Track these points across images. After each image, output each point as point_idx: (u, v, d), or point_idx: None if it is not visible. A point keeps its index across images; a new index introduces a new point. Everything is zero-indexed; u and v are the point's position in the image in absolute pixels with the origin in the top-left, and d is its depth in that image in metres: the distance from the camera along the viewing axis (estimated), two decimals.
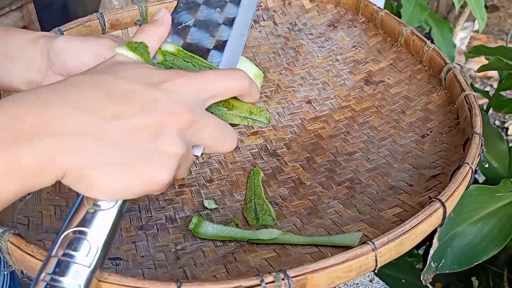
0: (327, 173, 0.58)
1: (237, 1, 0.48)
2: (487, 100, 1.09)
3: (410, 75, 0.69)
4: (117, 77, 0.35)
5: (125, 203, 0.36)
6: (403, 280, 0.81)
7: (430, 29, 1.61)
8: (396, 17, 0.74)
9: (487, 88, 2.04)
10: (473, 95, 0.57)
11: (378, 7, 0.78)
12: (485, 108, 1.08)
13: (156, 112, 0.34)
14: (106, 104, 0.33)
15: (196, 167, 0.60)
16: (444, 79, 0.63)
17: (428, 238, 0.48)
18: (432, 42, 0.84)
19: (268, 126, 0.43)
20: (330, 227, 0.49)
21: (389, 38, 0.75)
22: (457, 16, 1.86)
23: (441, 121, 0.60)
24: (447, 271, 0.63)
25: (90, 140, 0.32)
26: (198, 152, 0.39)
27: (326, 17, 0.84)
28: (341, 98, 0.70)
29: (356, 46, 0.77)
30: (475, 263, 0.63)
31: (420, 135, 0.60)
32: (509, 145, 0.77)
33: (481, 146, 0.50)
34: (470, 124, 0.53)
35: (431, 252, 0.57)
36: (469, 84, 0.59)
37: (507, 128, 1.88)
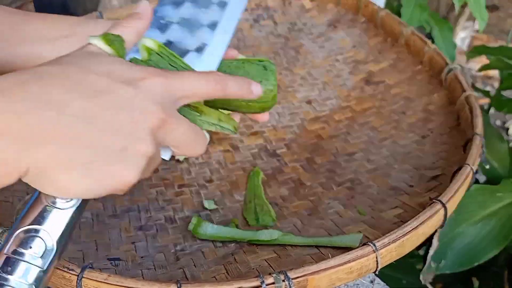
0: (328, 174, 0.58)
1: (223, 4, 0.47)
2: (488, 100, 1.09)
3: (411, 76, 0.69)
4: (88, 71, 0.33)
5: (86, 203, 0.35)
6: (404, 281, 0.81)
7: (431, 29, 1.61)
8: (397, 17, 0.74)
9: (488, 88, 2.04)
10: (474, 96, 0.57)
11: (379, 7, 0.77)
12: (486, 108, 1.08)
13: (129, 110, 0.33)
14: (74, 100, 0.31)
15: (196, 167, 0.60)
16: (445, 80, 0.63)
17: (429, 239, 0.48)
18: (433, 42, 0.84)
19: (236, 135, 0.43)
20: (331, 228, 0.49)
21: (390, 38, 0.75)
22: (458, 16, 1.86)
23: (442, 122, 0.60)
24: (448, 272, 0.63)
25: (55, 138, 0.30)
26: (167, 156, 0.38)
27: (326, 17, 0.84)
28: (342, 99, 0.70)
29: (357, 46, 0.77)
30: (476, 264, 0.63)
31: (421, 136, 0.60)
32: (510, 145, 0.76)
33: (482, 147, 0.50)
34: (471, 125, 0.53)
35: (431, 252, 0.57)
36: (470, 85, 0.59)
37: (508, 128, 1.88)
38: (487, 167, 0.74)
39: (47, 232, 0.32)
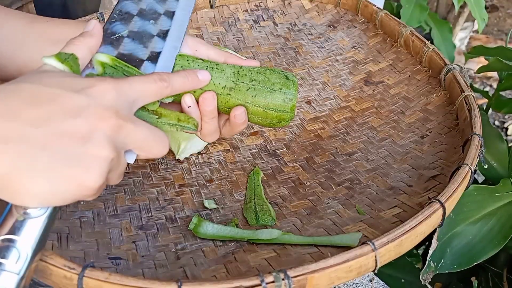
0: (327, 174, 0.58)
1: (171, 14, 0.48)
2: (487, 100, 1.09)
3: (410, 76, 0.69)
4: (40, 84, 0.35)
5: (56, 210, 0.36)
6: (403, 280, 0.81)
7: (430, 30, 1.61)
8: (396, 18, 0.74)
9: (487, 88, 2.04)
10: (473, 96, 0.57)
11: (378, 8, 0.78)
12: (485, 108, 1.08)
13: (83, 117, 0.34)
14: (28, 109, 0.33)
15: (196, 167, 0.60)
16: (444, 80, 0.63)
17: (428, 238, 0.48)
18: (432, 43, 0.84)
19: (197, 132, 0.45)
20: (330, 227, 0.50)
21: (389, 39, 0.75)
22: (457, 17, 1.86)
23: (441, 122, 0.60)
24: (447, 271, 0.63)
25: (13, 146, 0.31)
26: (131, 159, 0.39)
27: (326, 18, 0.84)
28: (341, 99, 0.70)
29: (356, 47, 0.77)
30: (475, 263, 0.63)
31: (420, 136, 0.60)
32: (509, 145, 0.77)
33: (481, 147, 0.50)
34: (470, 125, 0.53)
35: (430, 252, 0.57)
36: (469, 85, 0.60)
37: (507, 128, 1.88)
38: (486, 167, 0.74)
39: (21, 241, 0.34)
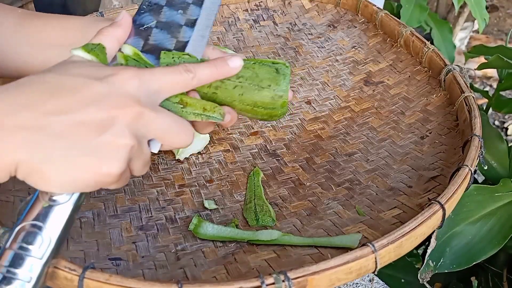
0: (327, 174, 0.58)
1: (200, 3, 0.48)
2: (487, 100, 1.09)
3: (410, 76, 0.69)
4: (64, 74, 0.36)
5: (81, 198, 0.36)
6: (403, 280, 0.81)
7: (430, 30, 1.61)
8: (396, 18, 0.74)
9: (487, 88, 2.04)
10: (473, 97, 0.57)
11: (378, 8, 0.78)
12: (485, 108, 1.08)
13: (103, 105, 0.34)
14: (49, 99, 0.33)
15: (196, 167, 0.60)
16: (444, 81, 0.63)
17: (428, 238, 0.48)
18: (432, 43, 0.84)
19: (222, 121, 0.43)
20: (330, 228, 0.50)
21: (389, 39, 0.75)
22: (457, 17, 1.86)
23: (441, 123, 0.60)
24: (446, 271, 0.63)
25: (35, 134, 0.32)
26: (155, 149, 0.39)
27: (326, 17, 0.84)
28: (341, 99, 0.70)
29: (356, 47, 0.77)
30: (474, 263, 0.63)
31: (420, 137, 0.60)
32: (509, 145, 0.77)
33: (481, 148, 0.50)
34: (470, 126, 0.53)
35: (429, 251, 0.57)
36: (469, 86, 0.60)
37: (507, 128, 1.88)
38: (485, 168, 0.74)
39: (47, 227, 0.34)
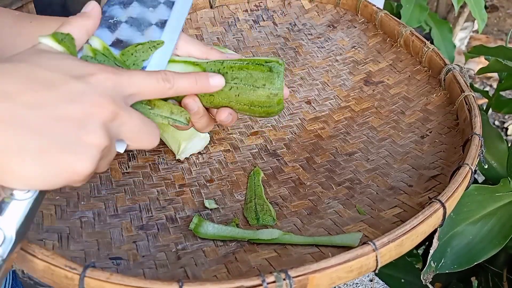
0: (327, 173, 0.58)
1: (170, 4, 0.48)
2: (487, 100, 1.09)
3: (410, 76, 0.69)
4: (39, 65, 0.35)
5: (42, 194, 0.36)
6: (403, 280, 0.81)
7: (430, 30, 1.61)
8: (396, 18, 0.75)
9: (487, 88, 2.04)
10: (473, 96, 0.57)
11: (378, 8, 0.78)
12: (485, 108, 1.08)
13: (79, 103, 0.34)
14: (24, 91, 0.32)
15: (197, 167, 0.60)
16: (444, 80, 0.63)
17: (428, 238, 0.48)
18: (432, 43, 0.84)
19: (187, 126, 0.44)
20: (330, 227, 0.50)
21: (389, 39, 0.75)
22: (457, 17, 1.86)
23: (441, 122, 0.60)
24: (447, 271, 0.63)
25: (5, 127, 0.31)
26: (121, 149, 0.39)
27: (326, 18, 0.84)
28: (341, 99, 0.70)
29: (356, 47, 0.77)
30: (475, 263, 0.63)
31: (420, 136, 0.60)
32: (509, 145, 0.77)
33: (481, 147, 0.50)
34: (470, 125, 0.53)
35: (431, 252, 0.57)
36: (469, 85, 0.60)
37: (507, 128, 1.88)
38: (486, 167, 0.75)
39: (6, 223, 0.34)
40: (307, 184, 0.57)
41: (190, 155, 0.61)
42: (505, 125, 1.90)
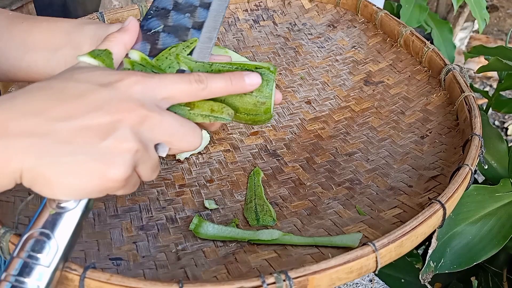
0: (327, 174, 0.58)
1: (207, 5, 0.48)
2: (487, 100, 1.09)
3: (410, 76, 0.69)
4: (70, 80, 0.36)
5: (89, 204, 0.36)
6: (403, 280, 0.81)
7: (430, 30, 1.61)
8: (396, 18, 0.74)
9: (487, 88, 2.04)
10: (473, 96, 0.57)
11: (378, 8, 0.78)
12: (485, 108, 1.08)
13: (107, 110, 0.34)
14: (54, 105, 0.34)
15: (197, 167, 0.60)
16: (444, 80, 0.63)
17: (428, 238, 0.48)
18: (432, 43, 0.84)
19: (230, 122, 0.42)
20: (330, 228, 0.50)
21: (389, 39, 0.75)
22: (457, 17, 1.86)
23: (441, 122, 0.60)
24: (446, 271, 0.63)
25: (39, 140, 0.32)
26: (163, 152, 0.38)
27: (326, 17, 0.84)
28: (341, 99, 0.70)
29: (356, 47, 0.77)
30: (474, 263, 0.63)
31: (420, 136, 0.60)
32: (509, 145, 0.77)
33: (481, 147, 0.50)
34: (470, 126, 0.53)
35: (430, 252, 0.57)
36: (469, 85, 0.60)
37: (507, 128, 1.88)
38: (486, 167, 0.74)
39: (55, 235, 0.34)
40: (307, 184, 0.57)
41: (190, 155, 0.61)
42: (505, 125, 1.90)
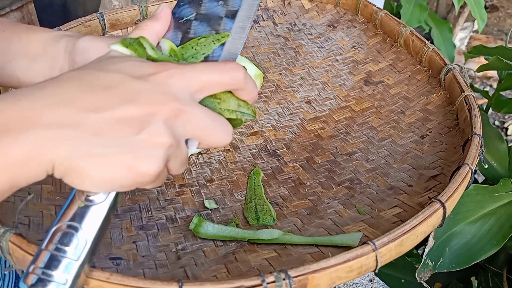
0: (327, 173, 0.58)
1: None
2: (487, 100, 1.09)
3: (410, 76, 0.69)
4: (102, 70, 0.35)
5: (117, 198, 0.35)
6: (403, 280, 0.81)
7: (430, 30, 1.61)
8: (396, 18, 0.75)
9: (487, 88, 2.04)
10: (473, 96, 0.57)
11: (378, 8, 0.78)
12: (485, 108, 1.08)
13: (141, 103, 0.33)
14: (87, 96, 0.33)
15: (197, 167, 0.60)
16: (444, 80, 0.63)
17: (428, 238, 0.48)
18: (432, 43, 0.84)
19: (254, 119, 0.42)
20: (330, 227, 0.50)
21: (389, 39, 0.75)
22: (457, 17, 1.86)
23: (441, 122, 0.60)
24: (445, 271, 0.63)
25: (72, 131, 0.32)
26: (193, 147, 0.38)
27: (326, 17, 0.84)
28: (341, 99, 0.70)
29: (356, 47, 0.77)
30: (474, 263, 0.63)
31: (420, 136, 0.60)
32: (509, 145, 0.77)
33: (481, 147, 0.50)
34: (470, 125, 0.53)
35: (426, 251, 0.57)
36: (469, 85, 0.60)
37: (507, 128, 1.88)
38: (486, 167, 0.75)
39: (83, 228, 0.34)
40: (307, 184, 0.57)
41: (190, 155, 0.61)
42: (505, 125, 1.90)
